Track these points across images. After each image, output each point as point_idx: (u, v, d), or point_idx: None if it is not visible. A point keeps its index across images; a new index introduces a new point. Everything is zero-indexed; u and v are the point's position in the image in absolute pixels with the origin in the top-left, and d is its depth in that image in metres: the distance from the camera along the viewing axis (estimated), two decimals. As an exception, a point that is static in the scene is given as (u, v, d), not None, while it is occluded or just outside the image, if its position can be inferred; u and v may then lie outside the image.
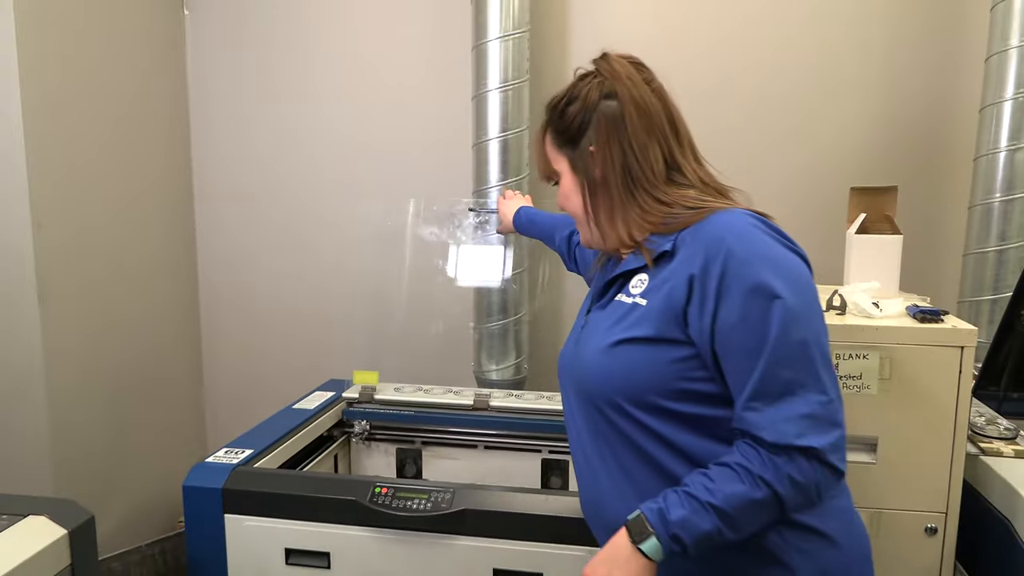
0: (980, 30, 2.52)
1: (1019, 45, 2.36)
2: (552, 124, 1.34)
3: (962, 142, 2.64)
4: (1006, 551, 1.57)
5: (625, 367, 1.20)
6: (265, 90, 3.11)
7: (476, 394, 2.46)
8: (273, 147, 3.14)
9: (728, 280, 1.12)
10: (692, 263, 1.16)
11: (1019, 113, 2.38)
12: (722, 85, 2.80)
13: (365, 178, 3.04)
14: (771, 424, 1.09)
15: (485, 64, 2.55)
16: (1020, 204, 2.42)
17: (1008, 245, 2.44)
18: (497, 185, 2.59)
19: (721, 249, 1.13)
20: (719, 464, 1.12)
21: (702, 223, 1.19)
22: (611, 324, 1.24)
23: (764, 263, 1.12)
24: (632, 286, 1.25)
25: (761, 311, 1.10)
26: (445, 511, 1.74)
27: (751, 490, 1.09)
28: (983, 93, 2.48)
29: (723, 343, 1.13)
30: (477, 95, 2.60)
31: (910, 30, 2.72)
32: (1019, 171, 2.40)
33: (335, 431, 2.43)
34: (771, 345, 1.09)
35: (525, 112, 2.60)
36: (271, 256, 3.19)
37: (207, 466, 1.91)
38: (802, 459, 1.08)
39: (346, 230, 3.00)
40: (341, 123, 3.06)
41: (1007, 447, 1.81)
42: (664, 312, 1.17)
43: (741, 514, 1.10)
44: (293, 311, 3.20)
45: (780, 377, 1.09)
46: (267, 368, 3.25)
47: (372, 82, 3.02)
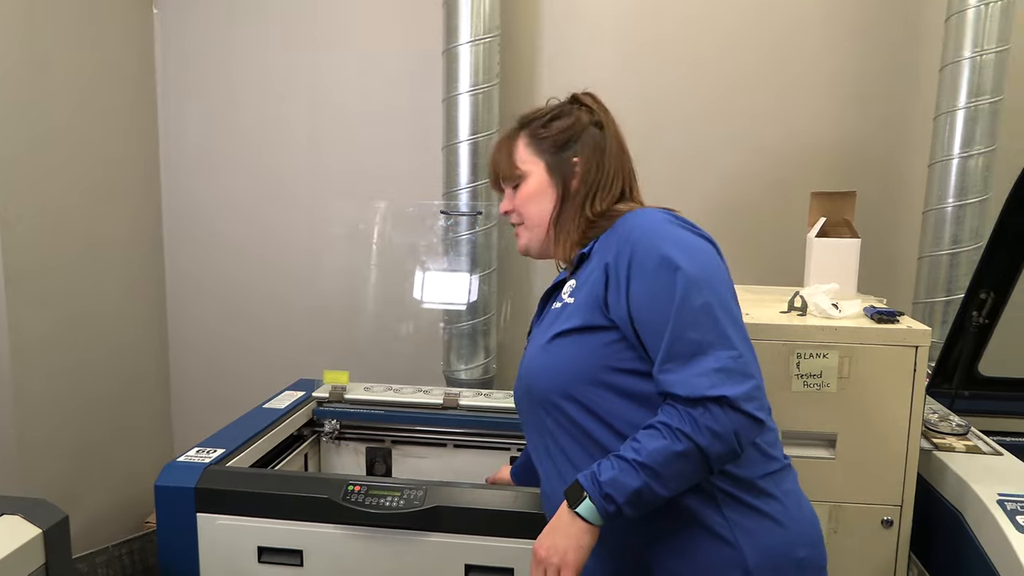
0: (935, 41, 2.61)
1: (971, 56, 2.46)
2: (532, 131, 1.45)
3: (917, 149, 2.73)
4: (958, 542, 1.65)
5: (561, 358, 1.31)
6: (235, 87, 3.11)
7: (446, 393, 2.49)
8: (245, 146, 3.13)
9: (636, 261, 1.24)
10: (607, 255, 1.29)
11: (972, 122, 2.48)
12: (683, 93, 2.87)
13: (337, 177, 3.05)
14: (683, 381, 1.17)
15: (456, 67, 2.58)
16: (972, 209, 2.51)
17: (961, 249, 2.54)
18: (467, 187, 2.61)
19: (630, 238, 1.26)
20: (644, 427, 1.20)
21: (617, 223, 1.33)
22: (547, 327, 1.36)
23: (666, 242, 1.24)
24: (564, 292, 1.37)
25: (665, 282, 1.20)
26: (418, 508, 1.76)
27: (672, 444, 1.16)
28: (937, 102, 2.57)
29: (638, 319, 1.23)
30: (447, 98, 2.62)
31: (868, 39, 2.81)
32: (971, 177, 2.50)
33: (305, 430, 2.44)
34: (675, 310, 1.19)
35: (495, 116, 2.63)
36: (241, 256, 3.19)
37: (179, 465, 1.91)
38: (717, 408, 1.15)
39: (317, 229, 3.01)
40: (313, 121, 3.06)
41: (959, 443, 1.88)
42: (587, 303, 1.30)
43: (666, 468, 1.16)
44: (262, 311, 3.20)
45: (687, 338, 1.18)
46: (235, 367, 3.24)
47: (343, 82, 3.03)
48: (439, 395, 2.49)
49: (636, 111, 2.84)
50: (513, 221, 1.49)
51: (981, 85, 2.45)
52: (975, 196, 2.50)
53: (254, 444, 2.11)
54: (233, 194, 3.16)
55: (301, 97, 3.07)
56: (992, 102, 2.46)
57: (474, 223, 2.61)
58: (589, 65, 2.85)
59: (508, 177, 1.46)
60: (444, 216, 2.61)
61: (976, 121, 2.47)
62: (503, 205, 1.50)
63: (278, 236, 3.14)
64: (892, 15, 2.79)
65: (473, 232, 2.63)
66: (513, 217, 1.48)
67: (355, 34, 3.00)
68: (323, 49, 3.04)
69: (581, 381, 1.28)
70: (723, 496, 1.23)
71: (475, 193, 2.62)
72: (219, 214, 3.18)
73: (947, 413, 2.08)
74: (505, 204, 1.49)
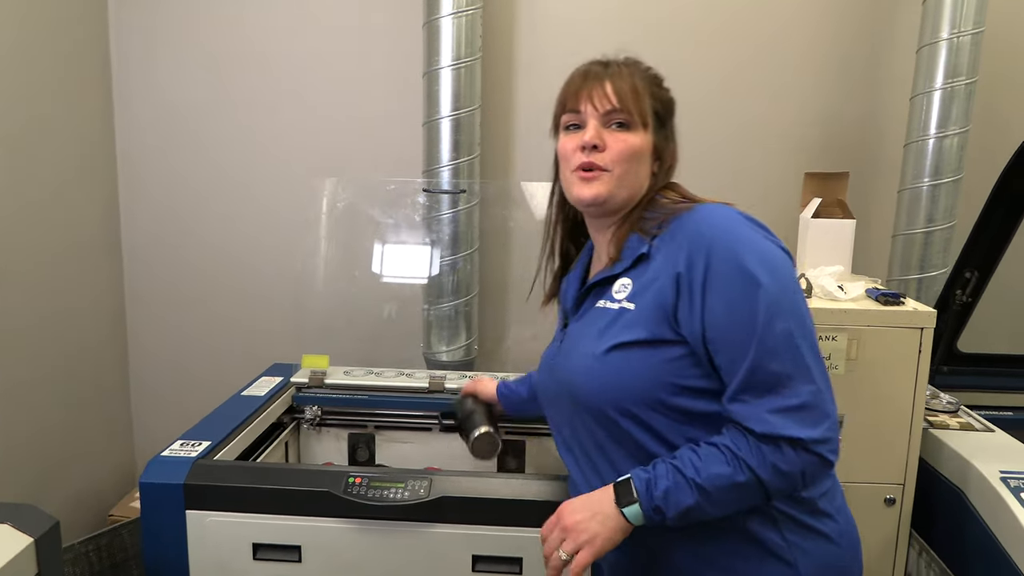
0: (913, 21, 2.64)
1: (948, 37, 2.49)
2: (656, 84, 1.32)
3: (893, 129, 2.77)
4: (960, 519, 1.68)
5: (622, 375, 1.20)
6: (198, 60, 2.94)
7: (430, 376, 2.43)
8: (209, 124, 2.97)
9: (712, 270, 1.14)
10: (676, 261, 1.18)
11: (948, 102, 2.52)
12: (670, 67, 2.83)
13: (308, 155, 2.93)
14: (759, 416, 1.11)
15: (437, 40, 2.49)
16: (946, 188, 2.56)
17: (935, 227, 2.59)
18: (449, 164, 2.54)
19: (703, 243, 1.16)
20: (709, 443, 1.15)
21: (681, 219, 1.21)
22: (599, 331, 1.25)
23: (745, 251, 1.14)
24: (615, 291, 1.26)
25: (746, 300, 1.12)
26: (423, 499, 1.71)
27: (734, 473, 1.12)
28: (914, 82, 2.61)
29: (713, 337, 1.15)
30: (428, 72, 2.53)
31: (847, 20, 2.82)
32: (946, 157, 2.55)
33: (285, 417, 2.35)
34: (758, 337, 1.11)
35: (477, 90, 2.55)
36: (205, 237, 3.04)
37: (164, 460, 1.81)
38: (789, 448, 1.10)
39: (288, 210, 2.88)
40: (284, 97, 2.93)
41: (952, 420, 1.93)
42: (654, 313, 1.19)
43: (722, 494, 1.13)
44: (229, 298, 3.07)
45: (768, 369, 1.11)
46: (197, 356, 3.11)
47: (317, 54, 2.90)
48: (423, 378, 2.42)
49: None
50: (595, 161, 1.26)
51: (957, 66, 2.49)
52: (949, 175, 2.55)
53: (239, 434, 2.02)
54: (196, 180, 3.01)
55: (271, 74, 2.92)
56: (967, 83, 2.50)
57: (456, 201, 2.54)
58: (569, 39, 2.79)
59: (628, 111, 1.26)
60: (425, 194, 2.53)
61: (952, 102, 2.51)
62: (593, 134, 1.26)
63: (246, 220, 3.01)
64: (870, -2, 2.81)
65: (455, 211, 2.56)
66: (597, 157, 1.26)
67: (330, 7, 2.87)
68: (294, 22, 2.89)
69: (642, 400, 1.19)
70: (784, 518, 1.20)
71: (457, 171, 2.55)
72: (182, 202, 3.03)
73: (936, 391, 2.13)
74: (595, 135, 1.26)
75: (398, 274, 2.68)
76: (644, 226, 1.26)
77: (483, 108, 2.62)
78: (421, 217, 2.56)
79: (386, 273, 2.67)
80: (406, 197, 2.57)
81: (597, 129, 1.26)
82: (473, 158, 2.57)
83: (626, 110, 1.25)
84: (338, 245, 2.60)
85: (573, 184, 1.29)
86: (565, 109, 1.31)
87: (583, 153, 1.26)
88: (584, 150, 1.26)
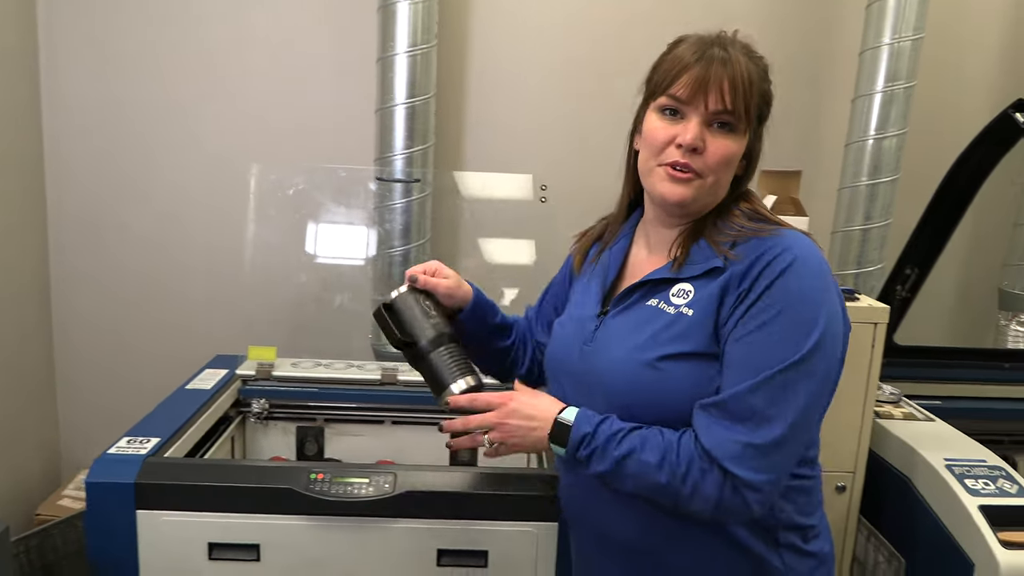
0: (856, 26, 2.72)
1: (890, 43, 2.58)
2: (762, 81, 1.20)
3: (834, 129, 2.86)
4: (907, 505, 1.76)
5: (669, 384, 1.15)
6: (130, 49, 2.79)
7: (382, 368, 2.39)
8: (145, 108, 2.83)
9: (768, 301, 1.10)
10: (743, 280, 1.13)
11: (888, 105, 2.62)
12: (630, 64, 2.85)
13: (251, 144, 2.82)
14: (718, 435, 1.09)
15: (392, 26, 2.43)
16: (884, 187, 2.67)
17: (873, 224, 2.69)
18: (403, 153, 2.49)
19: (774, 271, 1.11)
20: (662, 433, 1.13)
21: (764, 242, 1.15)
22: (652, 334, 1.18)
23: (804, 303, 1.10)
24: (674, 295, 1.19)
25: (782, 346, 1.08)
26: (388, 494, 1.68)
27: (657, 473, 1.11)
28: (856, 85, 2.69)
29: (733, 355, 1.12)
30: (383, 58, 2.48)
31: (793, 25, 2.89)
32: (885, 157, 2.65)
33: (231, 411, 2.28)
34: (769, 377, 1.08)
35: (432, 78, 2.51)
36: (139, 227, 2.91)
37: (112, 458, 1.73)
38: (720, 478, 1.08)
39: (230, 199, 2.78)
40: (224, 83, 2.81)
41: (896, 410, 2.01)
42: (708, 325, 1.14)
43: (636, 481, 1.14)
44: (160, 289, 2.95)
45: (754, 404, 1.08)
46: (128, 348, 2.98)
47: (260, 38, 2.79)
48: (375, 370, 2.38)
49: (576, 73, 2.83)
50: (691, 163, 1.16)
51: (898, 70, 2.59)
52: (888, 175, 2.65)
53: (188, 430, 1.94)
54: (131, 169, 2.87)
55: (211, 60, 2.80)
56: (907, 87, 2.60)
57: (409, 191, 2.50)
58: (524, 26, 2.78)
59: (739, 115, 1.15)
60: (378, 183, 2.47)
61: (892, 104, 2.61)
62: (695, 133, 1.14)
63: (183, 210, 2.89)
64: (815, 1, 2.88)
65: (408, 200, 2.51)
66: (693, 159, 1.16)
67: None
68: (238, 4, 2.78)
69: (682, 413, 1.14)
70: (787, 546, 1.21)
71: (411, 159, 2.50)
72: (115, 194, 2.89)
73: (878, 383, 2.21)
74: (697, 135, 1.14)
75: (347, 264, 2.62)
76: (717, 237, 1.19)
77: (439, 96, 2.57)
78: (374, 206, 2.50)
79: (335, 263, 2.61)
80: (357, 185, 2.51)
81: (700, 128, 1.15)
82: (427, 147, 2.54)
83: (737, 113, 1.15)
84: (285, 234, 2.53)
85: (658, 179, 1.19)
86: (666, 92, 1.18)
87: (678, 151, 1.16)
88: (680, 147, 1.16)
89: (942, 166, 2.20)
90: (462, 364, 1.35)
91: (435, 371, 1.35)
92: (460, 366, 1.35)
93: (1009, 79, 3.04)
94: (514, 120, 2.86)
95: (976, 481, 1.64)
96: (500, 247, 2.79)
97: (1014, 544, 1.48)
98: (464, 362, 1.36)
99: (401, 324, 1.37)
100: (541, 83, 2.83)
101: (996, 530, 1.51)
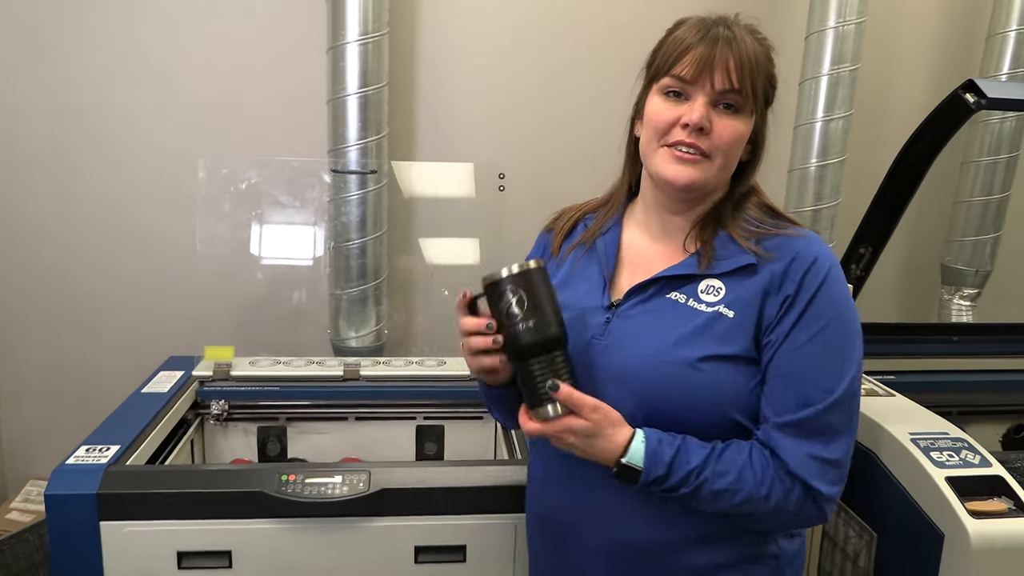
0: (802, 9, 2.76)
1: (835, 26, 2.63)
2: (767, 62, 1.16)
3: (783, 112, 2.90)
4: (874, 479, 1.80)
5: (714, 385, 1.13)
6: (69, 35, 2.65)
7: (344, 364, 2.35)
8: (84, 104, 2.70)
9: (817, 310, 1.11)
10: (784, 283, 1.13)
11: (834, 88, 2.67)
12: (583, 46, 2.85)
13: (197, 137, 2.73)
14: (799, 455, 1.11)
15: (343, 14, 2.36)
16: (833, 168, 2.73)
17: (823, 205, 2.75)
18: (357, 144, 2.44)
19: (816, 278, 1.12)
20: (735, 452, 1.12)
21: (792, 241, 1.16)
22: (688, 333, 1.15)
23: (854, 316, 1.14)
24: (702, 291, 1.17)
25: (841, 352, 1.11)
26: (363, 493, 1.65)
27: (734, 495, 1.11)
28: (803, 68, 2.74)
29: (787, 368, 1.12)
30: (333, 47, 2.41)
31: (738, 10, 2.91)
32: (833, 139, 2.70)
33: (189, 414, 2.21)
34: (839, 395, 1.10)
35: (385, 67, 2.46)
36: (80, 226, 2.78)
37: (70, 469, 1.65)
38: (803, 494, 1.11)
39: (181, 194, 2.68)
40: (168, 71, 2.70)
41: (857, 387, 2.06)
42: (754, 329, 1.14)
43: (711, 505, 1.13)
44: (106, 289, 2.83)
45: (827, 420, 1.11)
46: (71, 352, 2.86)
47: (204, 27, 2.69)
48: (336, 366, 2.34)
49: (528, 56, 2.81)
50: (698, 143, 1.13)
51: (843, 53, 2.64)
52: (835, 156, 2.71)
53: (148, 436, 1.87)
54: (71, 160, 2.74)
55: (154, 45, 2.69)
56: (852, 69, 2.66)
57: (364, 182, 2.45)
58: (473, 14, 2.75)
59: (745, 94, 1.12)
60: (333, 175, 2.42)
61: (838, 87, 2.66)
62: (701, 113, 1.11)
63: (126, 204, 2.77)
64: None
65: (363, 191, 2.46)
66: (700, 139, 1.13)
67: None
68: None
69: (721, 417, 1.14)
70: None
71: (365, 150, 2.45)
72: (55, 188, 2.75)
73: (838, 360, 2.26)
74: (704, 114, 1.11)
75: (303, 258, 2.56)
76: (737, 231, 1.18)
77: (391, 85, 2.52)
78: (329, 199, 2.45)
79: (290, 257, 2.55)
80: (311, 178, 2.45)
81: (706, 108, 1.12)
82: (381, 137, 2.49)
83: (744, 92, 1.12)
84: (237, 229, 2.45)
85: (664, 161, 1.15)
86: (670, 72, 1.15)
87: (684, 131, 1.13)
88: (685, 128, 1.13)
89: (882, 147, 2.26)
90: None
91: (564, 370, 1.14)
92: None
93: (948, 63, 3.13)
94: (468, 107, 2.83)
95: (941, 453, 1.68)
96: (456, 237, 2.76)
97: (981, 513, 1.53)
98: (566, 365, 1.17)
99: (533, 300, 1.12)
100: (493, 67, 2.80)
101: (963, 500, 1.55)
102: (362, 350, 2.61)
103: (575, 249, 1.33)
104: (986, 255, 3.07)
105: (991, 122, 2.92)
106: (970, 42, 3.10)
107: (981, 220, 3.03)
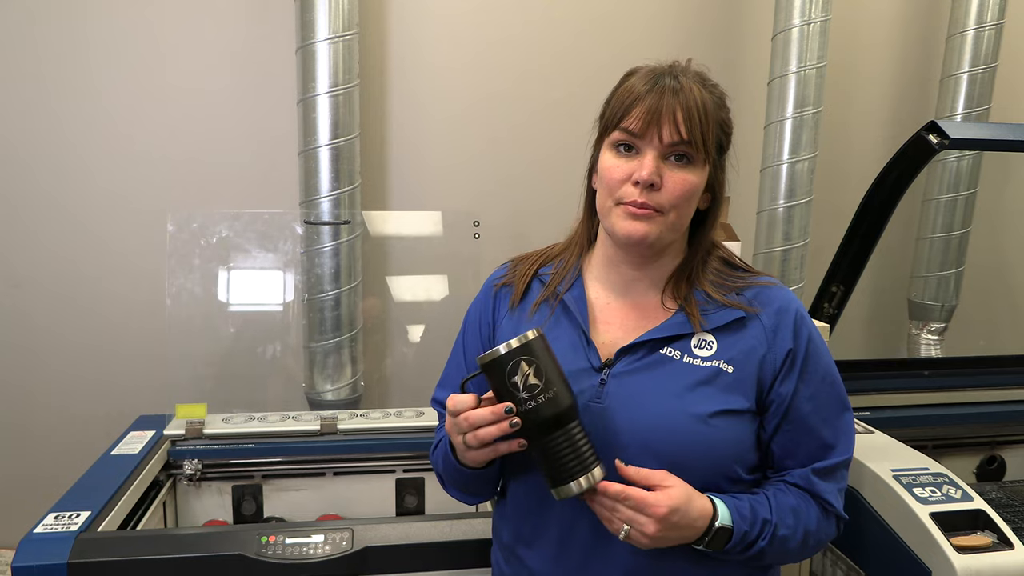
0: (763, 58, 2.84)
1: (796, 71, 2.70)
2: (718, 109, 1.16)
3: (750, 155, 2.96)
4: (859, 516, 1.80)
5: (721, 438, 1.13)
6: (27, 83, 2.63)
7: (320, 418, 2.31)
8: (54, 159, 2.66)
9: (812, 361, 1.17)
10: (781, 336, 1.16)
11: (798, 130, 2.73)
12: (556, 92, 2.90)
13: (167, 191, 2.70)
14: (834, 494, 1.21)
15: (313, 66, 2.37)
16: (800, 209, 2.77)
17: (792, 245, 2.79)
18: (329, 195, 2.43)
19: (804, 330, 1.18)
20: (782, 494, 1.18)
21: (769, 292, 1.20)
22: (689, 387, 1.14)
23: (827, 350, 1.21)
24: (695, 346, 1.16)
25: (838, 396, 1.21)
26: (346, 552, 1.61)
27: (791, 540, 1.16)
28: (767, 112, 2.80)
29: (799, 415, 1.17)
30: (304, 99, 2.42)
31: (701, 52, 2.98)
32: (799, 181, 2.76)
33: (161, 475, 2.14)
34: (841, 432, 1.21)
35: (356, 118, 2.46)
36: (45, 282, 2.72)
37: (39, 538, 1.59)
38: (834, 522, 1.23)
39: (150, 249, 2.64)
40: (132, 128, 2.68)
41: (836, 425, 2.07)
42: (755, 384, 1.16)
43: (780, 548, 1.15)
44: (73, 347, 2.76)
45: (844, 460, 1.22)
46: (35, 411, 2.77)
47: (171, 81, 2.68)
48: (312, 420, 2.29)
49: (499, 106, 2.84)
50: (649, 200, 1.11)
51: (805, 97, 2.71)
52: (802, 197, 2.76)
53: (120, 500, 1.81)
54: (41, 215, 2.69)
55: (119, 101, 2.67)
56: (815, 112, 2.73)
57: (338, 233, 2.44)
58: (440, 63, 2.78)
59: (696, 146, 1.11)
60: (306, 226, 2.40)
61: (802, 129, 2.72)
62: (651, 169, 1.09)
63: (101, 263, 2.73)
64: (723, 31, 3.00)
65: (337, 242, 2.45)
66: (651, 196, 1.11)
67: (186, 29, 2.66)
68: (152, 35, 2.65)
69: (725, 470, 1.16)
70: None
71: (338, 201, 2.44)
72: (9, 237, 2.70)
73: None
74: (653, 170, 1.10)
75: (276, 311, 2.52)
76: (708, 286, 1.19)
77: (363, 136, 2.53)
78: (302, 251, 2.43)
79: (263, 310, 2.51)
80: (283, 230, 2.43)
81: (656, 163, 1.10)
82: (354, 188, 2.48)
83: (694, 143, 1.11)
84: (208, 284, 2.41)
85: (618, 218, 1.14)
86: (619, 126, 1.14)
87: (635, 188, 1.11)
88: (637, 185, 1.12)
89: (846, 187, 2.31)
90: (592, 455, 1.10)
91: (583, 440, 1.08)
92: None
93: (905, 104, 3.23)
94: (440, 156, 2.84)
95: (923, 489, 1.69)
96: (430, 284, 2.75)
97: (967, 548, 1.53)
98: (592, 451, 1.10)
99: (547, 371, 1.07)
100: (464, 117, 2.83)
101: (948, 535, 1.56)
102: (338, 403, 2.57)
103: (539, 307, 1.27)
104: (951, 290, 3.14)
105: (949, 161, 3.01)
106: (926, 84, 3.21)
107: (944, 255, 3.10)
